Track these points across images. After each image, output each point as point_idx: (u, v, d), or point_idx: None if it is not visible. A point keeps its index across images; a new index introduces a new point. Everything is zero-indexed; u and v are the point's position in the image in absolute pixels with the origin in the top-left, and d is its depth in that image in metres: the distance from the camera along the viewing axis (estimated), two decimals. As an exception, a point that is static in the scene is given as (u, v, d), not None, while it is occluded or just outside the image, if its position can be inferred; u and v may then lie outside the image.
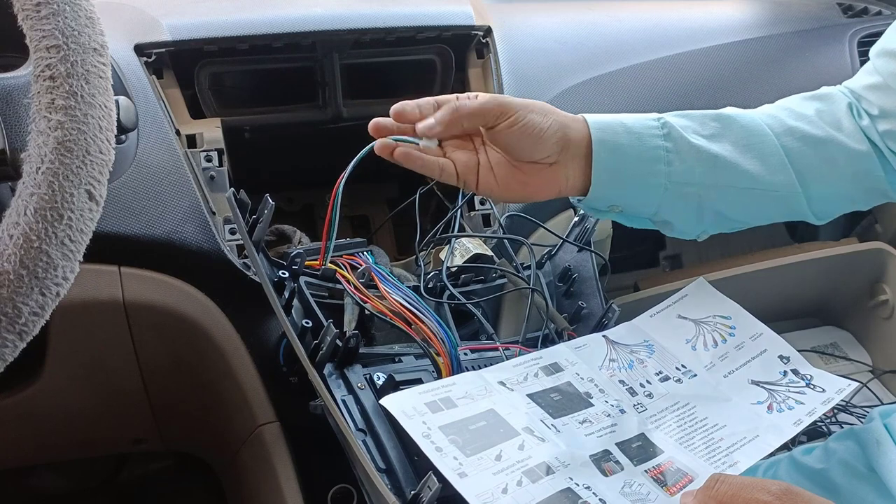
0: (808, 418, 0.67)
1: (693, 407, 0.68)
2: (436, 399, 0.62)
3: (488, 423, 0.61)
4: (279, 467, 0.91)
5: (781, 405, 0.69)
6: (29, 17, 0.58)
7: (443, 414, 0.61)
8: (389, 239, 1.15)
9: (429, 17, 1.06)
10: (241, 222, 0.76)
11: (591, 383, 0.69)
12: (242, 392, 0.93)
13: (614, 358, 0.72)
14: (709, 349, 0.74)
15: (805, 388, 0.71)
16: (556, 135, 0.71)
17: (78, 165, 0.56)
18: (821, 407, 0.69)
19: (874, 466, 0.82)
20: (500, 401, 0.64)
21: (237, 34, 0.98)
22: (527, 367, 0.68)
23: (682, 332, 0.75)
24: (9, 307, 0.52)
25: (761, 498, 0.53)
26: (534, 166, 0.71)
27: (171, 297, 0.90)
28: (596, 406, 0.67)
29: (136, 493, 1.38)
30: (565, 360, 0.70)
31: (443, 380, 0.64)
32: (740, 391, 0.70)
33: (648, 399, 0.69)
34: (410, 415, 0.60)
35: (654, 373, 0.71)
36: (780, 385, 0.71)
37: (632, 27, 1.26)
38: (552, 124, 0.71)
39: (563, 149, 0.71)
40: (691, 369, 0.72)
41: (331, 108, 1.05)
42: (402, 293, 0.77)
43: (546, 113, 0.72)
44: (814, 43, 1.32)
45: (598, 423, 0.65)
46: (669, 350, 0.74)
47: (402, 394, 0.62)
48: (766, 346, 0.74)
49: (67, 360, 0.93)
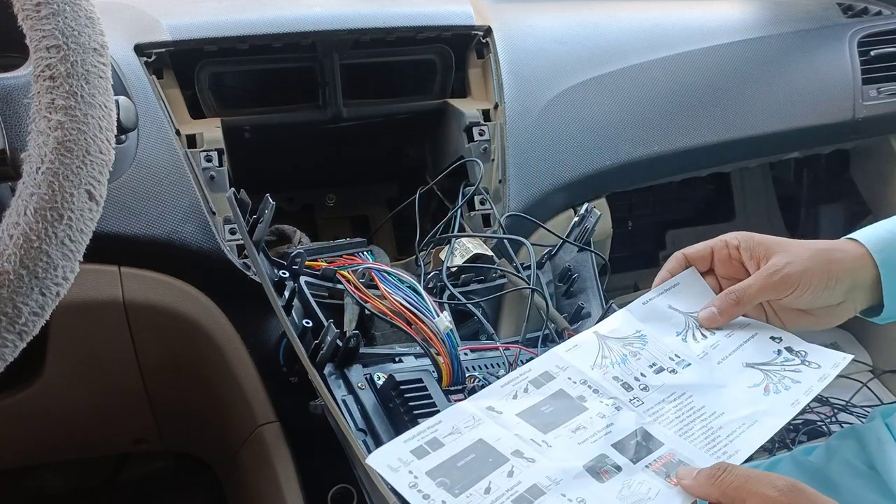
0: (806, 398, 0.66)
1: (690, 396, 0.67)
2: (421, 444, 0.60)
3: (476, 455, 0.60)
4: (279, 467, 0.91)
5: (778, 385, 0.68)
6: (29, 17, 0.58)
7: (429, 458, 0.59)
8: (389, 239, 1.15)
9: (429, 17, 1.06)
10: (242, 222, 0.76)
11: (583, 385, 0.67)
12: (242, 392, 0.93)
13: (606, 355, 0.71)
14: (699, 340, 0.73)
15: (800, 365, 0.70)
16: (843, 285, 0.71)
17: (78, 165, 0.56)
18: (817, 384, 0.68)
19: (875, 465, 0.82)
20: (488, 428, 0.62)
21: (237, 34, 0.98)
22: (515, 385, 0.66)
23: (672, 323, 0.75)
24: (9, 307, 0.52)
25: (767, 493, 0.53)
26: (822, 309, 0.72)
27: (171, 297, 0.90)
28: (590, 409, 0.65)
29: (136, 493, 1.38)
30: (555, 367, 0.69)
31: (429, 420, 0.62)
32: (735, 376, 0.70)
33: (644, 392, 0.68)
34: (396, 467, 0.57)
35: (648, 365, 0.70)
36: (775, 364, 0.70)
37: (632, 27, 1.26)
38: (839, 278, 0.70)
39: (850, 290, 0.72)
40: (685, 359, 0.71)
41: (331, 108, 1.05)
42: (402, 293, 0.77)
43: (829, 268, 0.71)
44: (814, 43, 1.32)
45: (592, 427, 0.63)
46: (662, 340, 0.73)
47: (387, 447, 0.59)
48: (756, 330, 0.74)
49: (67, 360, 0.93)
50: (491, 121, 1.05)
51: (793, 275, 0.70)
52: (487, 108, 1.06)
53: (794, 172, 1.62)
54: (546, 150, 1.07)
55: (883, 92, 1.31)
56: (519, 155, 1.04)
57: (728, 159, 1.27)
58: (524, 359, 0.79)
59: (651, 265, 1.59)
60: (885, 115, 1.31)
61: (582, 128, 1.11)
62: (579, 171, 1.09)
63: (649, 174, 1.19)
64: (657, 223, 1.59)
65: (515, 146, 1.04)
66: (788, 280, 0.70)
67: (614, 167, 1.12)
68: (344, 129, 1.08)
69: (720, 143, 1.20)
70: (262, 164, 1.08)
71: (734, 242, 0.74)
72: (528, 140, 1.06)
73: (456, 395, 0.72)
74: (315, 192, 1.15)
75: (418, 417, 0.68)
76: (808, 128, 1.27)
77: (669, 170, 1.21)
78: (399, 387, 0.71)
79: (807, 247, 0.73)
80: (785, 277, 0.70)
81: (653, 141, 1.15)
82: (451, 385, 0.73)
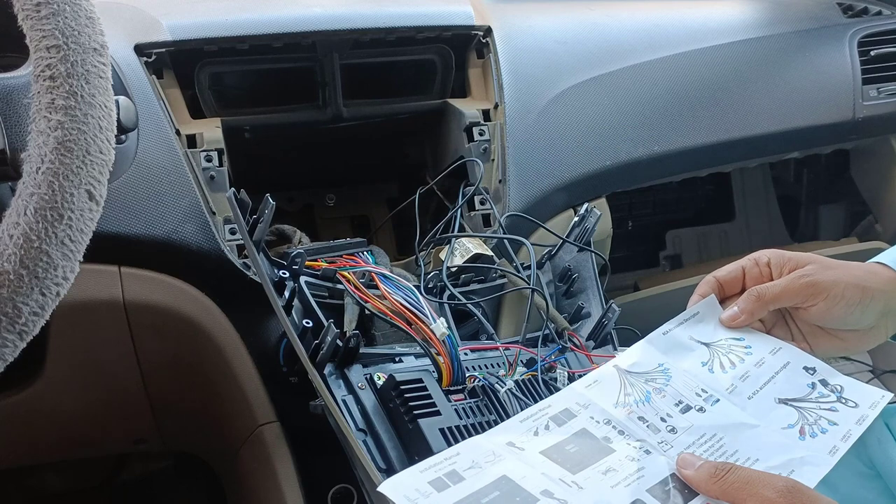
0: (844, 444, 0.63)
1: (721, 439, 0.63)
2: (440, 475, 0.56)
3: (502, 492, 0.55)
4: (279, 467, 0.91)
5: (814, 427, 0.64)
6: (29, 17, 0.58)
7: (450, 491, 0.54)
8: (389, 239, 1.15)
9: (429, 17, 1.06)
10: (242, 222, 0.76)
11: (608, 426, 0.63)
12: (242, 392, 0.93)
13: (629, 392, 0.66)
14: (727, 371, 0.69)
15: (836, 402, 0.66)
16: (877, 307, 0.68)
17: (78, 165, 0.55)
18: (856, 428, 0.64)
19: (875, 465, 0.82)
20: (511, 465, 0.58)
21: (237, 34, 0.98)
22: (535, 421, 0.62)
23: (696, 354, 0.71)
24: (9, 307, 0.52)
25: (766, 494, 0.53)
26: (852, 332, 0.70)
27: (171, 297, 0.90)
28: (618, 451, 0.61)
29: (136, 493, 1.38)
30: (576, 405, 0.64)
31: (445, 451, 0.58)
32: (768, 413, 0.66)
33: (672, 435, 0.63)
34: (414, 499, 0.53)
35: (674, 403, 0.66)
36: (810, 401, 0.67)
37: (632, 27, 1.26)
38: (874, 297, 0.68)
39: (882, 314, 0.69)
40: (713, 394, 0.67)
41: (331, 108, 1.05)
42: (402, 293, 0.77)
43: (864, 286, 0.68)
44: (814, 43, 1.32)
45: (623, 471, 0.59)
46: (688, 373, 0.68)
47: (402, 475, 0.55)
48: (789, 359, 0.70)
49: (67, 360, 0.93)
50: (491, 121, 1.05)
51: (821, 282, 0.68)
52: (487, 108, 1.06)
53: (794, 172, 1.62)
54: (546, 150, 1.07)
55: (883, 92, 1.31)
56: (519, 155, 1.04)
57: (728, 159, 1.27)
58: (524, 359, 0.79)
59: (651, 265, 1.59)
60: (885, 115, 1.31)
61: (582, 128, 1.11)
62: (579, 171, 1.09)
63: (649, 174, 1.19)
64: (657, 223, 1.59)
65: (515, 146, 1.04)
66: (815, 286, 0.68)
67: (614, 167, 1.12)
68: (344, 129, 1.08)
69: (720, 143, 1.20)
70: (262, 164, 1.09)
71: (764, 259, 0.72)
72: (528, 140, 1.06)
73: (456, 395, 0.72)
74: (315, 192, 1.15)
75: (418, 418, 0.68)
76: (808, 128, 1.26)
77: (669, 170, 1.21)
78: (399, 387, 0.71)
79: (839, 263, 0.71)
80: (812, 283, 0.68)
81: (653, 141, 1.15)
82: (452, 385, 0.73)
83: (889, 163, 1.44)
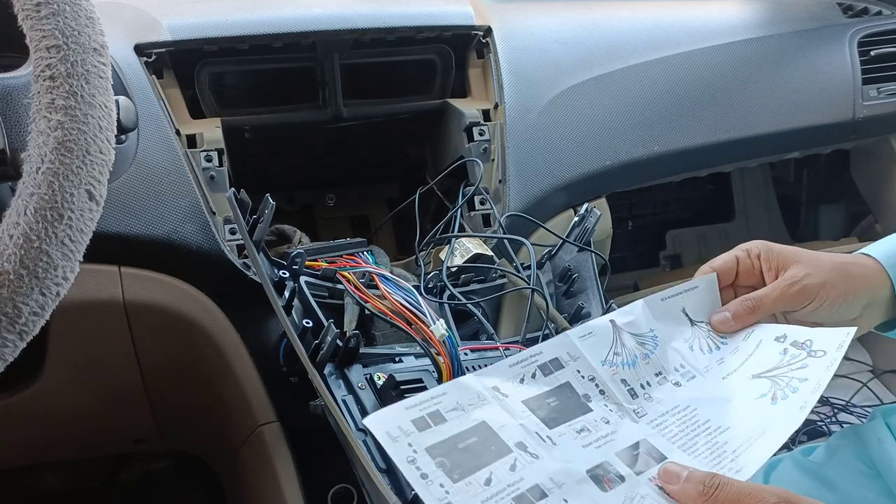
0: (814, 396, 0.64)
1: (694, 410, 0.66)
2: (423, 414, 0.57)
3: (479, 439, 0.57)
4: (279, 467, 0.91)
5: (785, 390, 0.65)
6: (29, 17, 0.58)
7: (431, 432, 0.56)
8: (389, 239, 1.15)
9: (429, 17, 1.06)
10: (242, 222, 0.76)
11: (591, 383, 0.65)
12: (242, 392, 0.93)
13: (619, 351, 0.69)
14: (704, 353, 0.71)
15: (807, 358, 0.67)
16: (861, 301, 0.70)
17: (78, 165, 0.56)
18: (825, 375, 0.65)
19: (875, 465, 0.82)
20: (492, 411, 0.60)
21: (237, 34, 0.98)
22: (524, 368, 0.64)
23: (682, 329, 0.73)
24: (9, 307, 0.52)
25: None
26: (837, 324, 0.71)
27: (171, 297, 0.90)
28: (595, 411, 0.63)
29: (136, 493, 1.38)
30: (566, 355, 0.66)
31: (434, 389, 0.60)
32: (742, 388, 0.68)
33: (648, 402, 0.66)
34: (395, 436, 0.55)
35: (655, 373, 0.69)
36: (782, 367, 0.68)
37: (632, 27, 1.26)
38: (858, 293, 0.70)
39: (867, 305, 0.71)
40: (690, 370, 0.70)
41: (331, 108, 1.05)
42: (402, 293, 0.77)
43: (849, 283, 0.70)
44: (814, 43, 1.32)
45: (596, 432, 0.62)
46: (671, 345, 0.71)
47: (387, 410, 0.57)
48: (761, 337, 0.71)
49: (67, 360, 0.93)
50: (491, 121, 1.05)
51: (811, 287, 0.69)
52: (487, 108, 1.06)
53: (794, 172, 1.62)
54: (546, 150, 1.07)
55: (883, 92, 1.31)
56: (519, 155, 1.04)
57: (728, 159, 1.27)
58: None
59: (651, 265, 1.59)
60: (885, 115, 1.31)
61: (582, 128, 1.11)
62: (579, 171, 1.09)
63: (649, 174, 1.19)
64: (657, 223, 1.59)
65: (515, 146, 1.04)
66: (806, 292, 0.69)
67: (614, 167, 1.12)
68: (344, 129, 1.08)
69: (720, 143, 1.20)
70: (262, 164, 1.08)
71: (755, 251, 0.73)
72: (528, 140, 1.06)
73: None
74: (315, 192, 1.15)
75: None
76: (807, 128, 1.27)
77: (669, 170, 1.21)
78: (399, 387, 0.71)
79: (825, 259, 0.72)
80: (803, 289, 0.69)
81: (653, 141, 1.15)
82: (451, 385, 0.73)
83: (889, 163, 1.44)
